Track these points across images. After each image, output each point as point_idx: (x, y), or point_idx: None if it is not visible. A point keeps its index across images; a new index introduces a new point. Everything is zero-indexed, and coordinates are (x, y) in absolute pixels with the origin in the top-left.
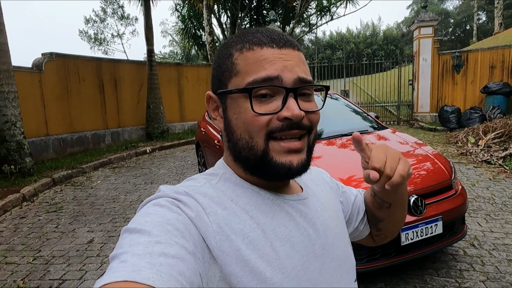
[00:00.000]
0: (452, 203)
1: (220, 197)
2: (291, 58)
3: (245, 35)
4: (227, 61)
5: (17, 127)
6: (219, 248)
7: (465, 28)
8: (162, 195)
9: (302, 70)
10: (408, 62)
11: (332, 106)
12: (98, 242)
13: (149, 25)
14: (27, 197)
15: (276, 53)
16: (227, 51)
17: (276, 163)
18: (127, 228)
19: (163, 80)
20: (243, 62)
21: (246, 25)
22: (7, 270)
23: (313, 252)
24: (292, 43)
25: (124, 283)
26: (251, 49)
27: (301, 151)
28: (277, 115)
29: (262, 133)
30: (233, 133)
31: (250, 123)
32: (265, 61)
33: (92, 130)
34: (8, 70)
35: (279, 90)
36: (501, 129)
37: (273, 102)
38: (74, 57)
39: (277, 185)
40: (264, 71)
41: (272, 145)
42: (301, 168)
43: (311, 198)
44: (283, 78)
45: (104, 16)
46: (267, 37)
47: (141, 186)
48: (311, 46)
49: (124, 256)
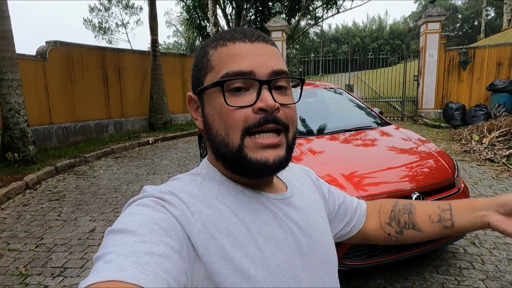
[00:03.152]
0: None
1: (205, 196)
2: (264, 52)
3: (220, 34)
4: (203, 60)
5: (21, 115)
6: (204, 246)
7: (473, 23)
8: (147, 195)
9: (276, 62)
10: (414, 57)
11: (336, 101)
12: (99, 232)
13: (154, 14)
14: (30, 185)
15: (248, 47)
16: (203, 50)
17: (251, 160)
18: (111, 229)
19: (166, 71)
20: (217, 57)
21: (251, 17)
22: (10, 257)
23: (297, 250)
24: (265, 38)
25: (110, 282)
26: (224, 45)
27: (278, 147)
28: (252, 107)
29: (238, 129)
30: (211, 130)
31: (226, 118)
32: (237, 56)
33: (95, 119)
34: (12, 57)
35: (253, 83)
36: (505, 127)
37: (247, 96)
38: (78, 45)
39: (259, 183)
40: (237, 65)
41: (247, 141)
42: (278, 164)
43: (296, 196)
44: (256, 72)
45: (109, 4)
46: (239, 33)
47: (143, 176)
48: (316, 39)
49: (109, 256)
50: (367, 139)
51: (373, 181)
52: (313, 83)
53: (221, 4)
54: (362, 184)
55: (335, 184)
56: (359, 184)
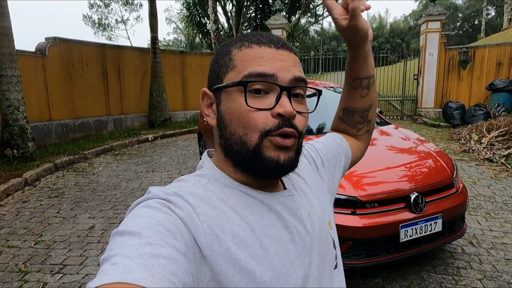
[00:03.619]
0: (452, 201)
1: (209, 197)
2: (288, 59)
3: (245, 36)
4: (226, 58)
5: (20, 111)
6: (210, 247)
7: (473, 23)
8: (152, 196)
9: (297, 70)
10: (414, 56)
11: (335, 100)
12: (99, 229)
13: (154, 11)
14: (29, 182)
15: (273, 52)
16: (226, 49)
17: (265, 157)
18: (117, 230)
19: (166, 68)
20: (241, 57)
21: (251, 14)
22: (9, 253)
23: (303, 249)
24: (289, 47)
25: (116, 284)
26: (250, 47)
27: (289, 149)
28: (271, 111)
29: (257, 130)
30: (226, 128)
31: (245, 118)
32: (262, 58)
33: (95, 116)
34: (12, 54)
35: (274, 87)
36: (505, 127)
37: (267, 99)
38: (77, 42)
39: (265, 185)
40: (261, 67)
41: (265, 141)
42: (288, 164)
43: (296, 194)
44: (279, 76)
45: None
46: (266, 37)
47: (142, 174)
48: (316, 37)
49: (115, 259)
50: None
51: (372, 181)
52: (313, 82)
53: (221, 1)
54: (361, 184)
55: None
56: (358, 183)
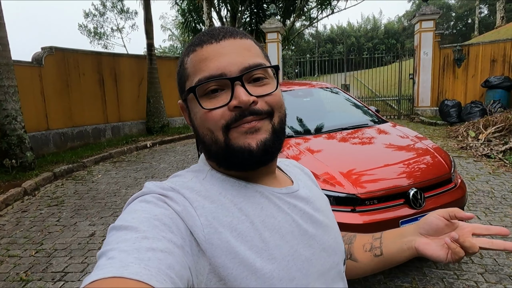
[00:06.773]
0: (451, 196)
1: (208, 191)
2: (232, 50)
3: (191, 40)
4: (181, 68)
5: (18, 121)
6: (208, 241)
7: (466, 21)
8: (148, 191)
9: (246, 56)
10: (409, 56)
11: (332, 100)
12: (99, 236)
13: (149, 18)
14: (29, 191)
15: (216, 48)
16: (181, 58)
17: (236, 147)
18: (114, 225)
19: (163, 74)
20: (190, 65)
21: (246, 19)
22: (10, 263)
23: (304, 242)
24: (233, 33)
25: (112, 279)
26: (194, 51)
27: (259, 130)
28: (228, 106)
29: (218, 127)
30: (199, 133)
31: (205, 120)
32: (206, 59)
33: (93, 124)
34: (8, 64)
35: (226, 82)
36: (501, 123)
37: (223, 96)
38: (73, 51)
39: (261, 177)
40: (207, 70)
41: (231, 133)
42: (263, 148)
43: (302, 190)
44: (226, 72)
45: (104, 10)
46: (206, 35)
47: (141, 180)
48: (311, 40)
49: (111, 253)
50: (364, 137)
51: (371, 178)
52: (310, 82)
53: (216, 7)
54: (360, 181)
55: (333, 181)
56: (357, 181)
